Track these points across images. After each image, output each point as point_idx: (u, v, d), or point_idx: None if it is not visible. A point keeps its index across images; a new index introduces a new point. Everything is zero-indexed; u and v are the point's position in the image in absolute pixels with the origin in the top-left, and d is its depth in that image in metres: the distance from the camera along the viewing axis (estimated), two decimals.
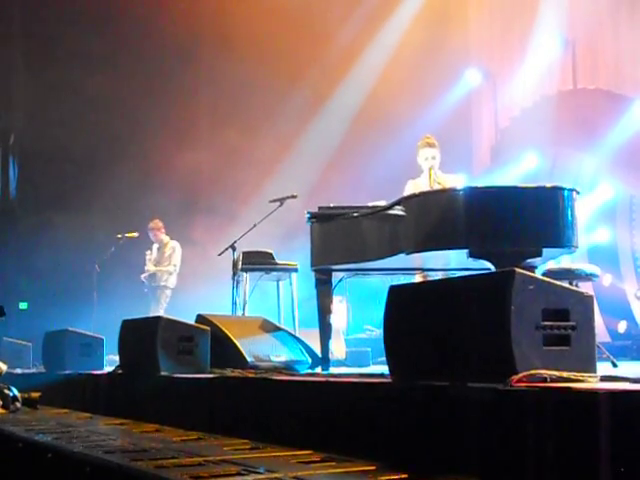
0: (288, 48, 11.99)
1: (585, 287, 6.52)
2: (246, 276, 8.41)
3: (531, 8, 11.83)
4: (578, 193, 5.22)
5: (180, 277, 11.28)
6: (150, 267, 11.06)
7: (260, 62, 12.31)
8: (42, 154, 12.38)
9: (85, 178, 12.39)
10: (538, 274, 5.26)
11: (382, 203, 5.73)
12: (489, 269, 4.96)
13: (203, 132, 13.46)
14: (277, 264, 8.41)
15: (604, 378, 3.08)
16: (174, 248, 11.17)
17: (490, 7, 12.90)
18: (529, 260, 5.06)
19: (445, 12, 12.71)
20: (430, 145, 7.08)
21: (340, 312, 9.77)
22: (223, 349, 5.89)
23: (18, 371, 8.96)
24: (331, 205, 6.00)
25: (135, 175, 12.36)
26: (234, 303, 8.33)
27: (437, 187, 6.59)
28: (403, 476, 2.96)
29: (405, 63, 12.34)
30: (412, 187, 6.97)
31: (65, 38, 12.24)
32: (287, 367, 5.81)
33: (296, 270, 8.41)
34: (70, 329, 8.04)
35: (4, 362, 7.66)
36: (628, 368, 5.68)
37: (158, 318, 6.00)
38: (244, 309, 8.34)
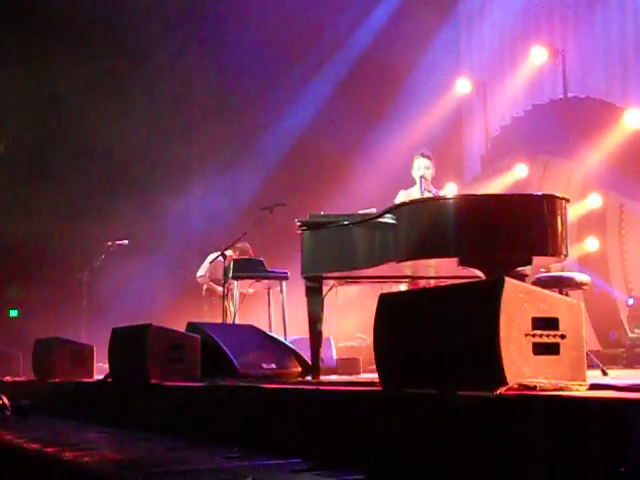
0: (282, 52, 12.08)
1: (575, 295, 6.53)
2: (236, 284, 8.41)
3: (521, 17, 11.89)
4: (568, 202, 5.23)
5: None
6: None
7: (253, 64, 12.39)
8: (33, 164, 12.37)
9: (76, 187, 12.36)
10: (528, 282, 5.28)
11: (373, 211, 5.73)
12: (479, 277, 4.96)
13: (195, 134, 13.51)
14: (268, 272, 8.41)
15: (593, 386, 3.08)
16: None
17: (480, 16, 12.95)
18: (519, 268, 5.07)
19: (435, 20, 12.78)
20: (424, 156, 7.08)
21: (330, 320, 9.75)
22: (213, 357, 5.88)
23: (8, 379, 8.93)
24: (322, 213, 6.00)
25: (126, 184, 12.39)
26: (224, 311, 8.33)
27: (428, 196, 6.59)
28: None
29: (395, 72, 12.38)
30: (403, 197, 6.96)
31: (58, 55, 12.20)
32: (277, 375, 5.80)
33: (287, 278, 8.42)
34: (60, 337, 8.03)
35: None
36: (618, 376, 5.69)
37: (148, 326, 5.99)
38: (234, 317, 8.34)
